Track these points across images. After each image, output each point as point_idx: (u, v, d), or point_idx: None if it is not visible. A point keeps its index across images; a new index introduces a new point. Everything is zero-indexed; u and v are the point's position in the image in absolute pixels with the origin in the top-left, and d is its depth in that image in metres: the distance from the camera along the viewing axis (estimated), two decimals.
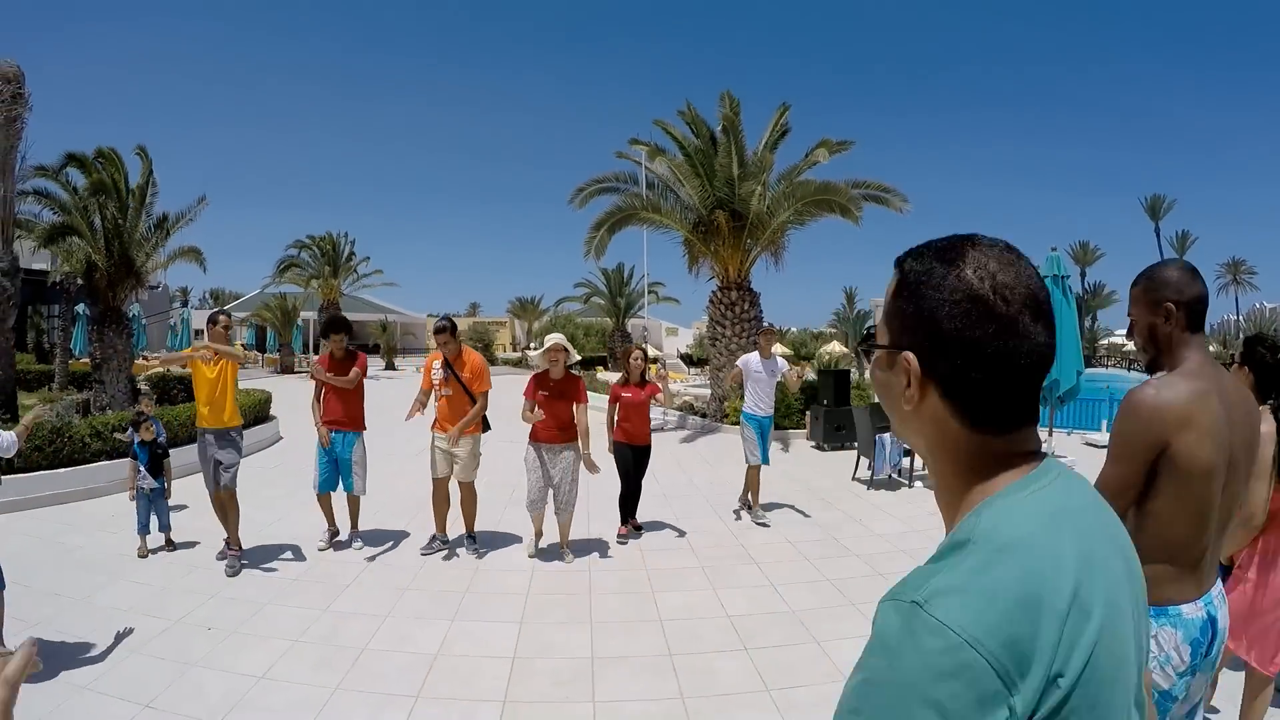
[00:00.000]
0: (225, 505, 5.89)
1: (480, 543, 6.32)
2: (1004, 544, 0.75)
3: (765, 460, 7.41)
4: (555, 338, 6.05)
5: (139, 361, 18.11)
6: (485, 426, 6.34)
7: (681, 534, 6.75)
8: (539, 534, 6.30)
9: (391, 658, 4.22)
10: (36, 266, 18.55)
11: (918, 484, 9.13)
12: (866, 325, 54.24)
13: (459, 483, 6.25)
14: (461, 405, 6.14)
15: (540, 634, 4.57)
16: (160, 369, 16.69)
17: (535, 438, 6.11)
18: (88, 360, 15.00)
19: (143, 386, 14.12)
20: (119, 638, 4.38)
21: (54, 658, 4.08)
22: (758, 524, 7.18)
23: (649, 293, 19.95)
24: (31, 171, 12.26)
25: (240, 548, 5.88)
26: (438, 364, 6.20)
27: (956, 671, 0.66)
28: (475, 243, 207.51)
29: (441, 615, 4.83)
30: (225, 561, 5.74)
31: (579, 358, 6.34)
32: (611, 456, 6.65)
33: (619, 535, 6.64)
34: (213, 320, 5.99)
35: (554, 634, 4.57)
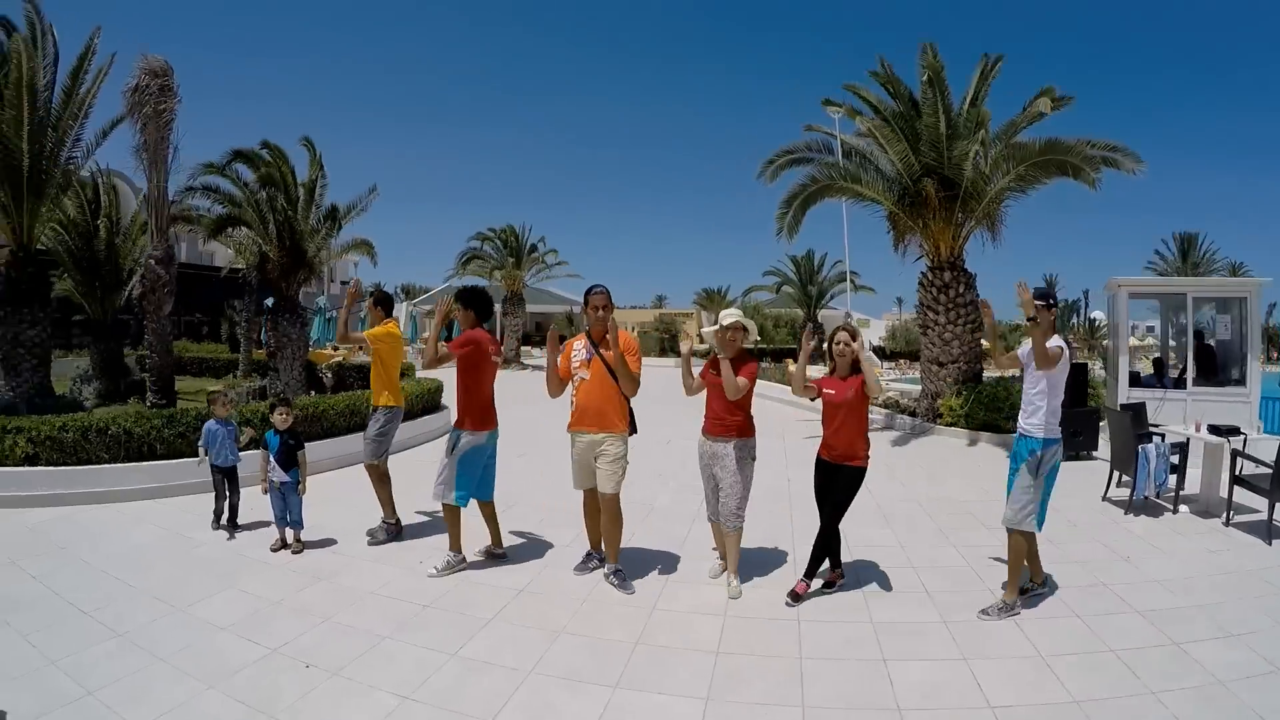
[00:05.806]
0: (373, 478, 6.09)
1: (651, 569, 5.25)
2: None
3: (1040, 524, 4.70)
4: (732, 313, 4.89)
5: (322, 350, 19.04)
6: (632, 428, 5.13)
7: (911, 569, 5.30)
8: (719, 549, 5.23)
9: None
10: (237, 266, 20.40)
11: (1183, 509, 6.97)
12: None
13: (601, 495, 5.04)
14: (604, 392, 4.98)
15: (732, 716, 3.36)
16: (342, 357, 17.30)
17: (702, 430, 5.05)
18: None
19: (325, 375, 14.35)
20: (202, 665, 3.75)
21: (121, 682, 3.53)
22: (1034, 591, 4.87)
23: (848, 277, 17.98)
24: (200, 169, 12.92)
25: (394, 521, 6.06)
26: (580, 344, 5.13)
27: None
28: (660, 235, 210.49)
29: (602, 678, 3.70)
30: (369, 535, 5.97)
31: (757, 338, 5.14)
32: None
33: (789, 596, 4.77)
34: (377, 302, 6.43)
35: (751, 717, 3.34)
